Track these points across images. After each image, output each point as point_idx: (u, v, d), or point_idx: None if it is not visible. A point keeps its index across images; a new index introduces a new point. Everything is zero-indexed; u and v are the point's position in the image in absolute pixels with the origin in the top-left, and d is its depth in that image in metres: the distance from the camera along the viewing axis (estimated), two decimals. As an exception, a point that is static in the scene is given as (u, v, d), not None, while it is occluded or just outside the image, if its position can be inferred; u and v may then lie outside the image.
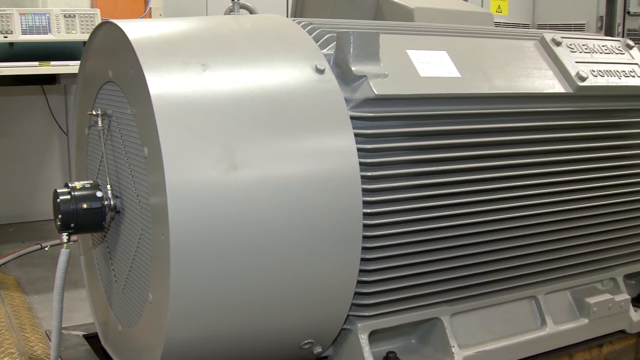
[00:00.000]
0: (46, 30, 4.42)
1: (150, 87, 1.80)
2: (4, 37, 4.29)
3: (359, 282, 2.02)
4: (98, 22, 4.33)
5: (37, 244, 4.85)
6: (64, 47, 4.46)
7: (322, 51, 2.09)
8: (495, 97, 2.28)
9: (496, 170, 2.26)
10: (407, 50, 2.21)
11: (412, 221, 2.10)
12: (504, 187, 2.27)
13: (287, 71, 1.98)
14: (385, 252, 2.07)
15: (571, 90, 2.44)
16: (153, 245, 1.89)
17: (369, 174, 2.01)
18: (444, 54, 2.27)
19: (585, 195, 2.47)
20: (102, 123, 2.17)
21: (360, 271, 2.01)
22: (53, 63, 4.35)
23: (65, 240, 2.10)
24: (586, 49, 2.59)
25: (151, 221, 1.88)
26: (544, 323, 2.48)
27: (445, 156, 2.16)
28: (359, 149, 1.96)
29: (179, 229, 1.74)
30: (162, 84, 1.82)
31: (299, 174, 1.88)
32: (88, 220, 2.07)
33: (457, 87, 2.20)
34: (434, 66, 2.21)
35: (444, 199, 2.15)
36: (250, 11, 3.65)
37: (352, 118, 1.99)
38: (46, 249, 4.81)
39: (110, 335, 2.43)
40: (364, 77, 2.05)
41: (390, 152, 2.08)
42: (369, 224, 2.00)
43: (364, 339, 2.12)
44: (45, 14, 4.45)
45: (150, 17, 5.22)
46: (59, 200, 2.04)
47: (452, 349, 2.24)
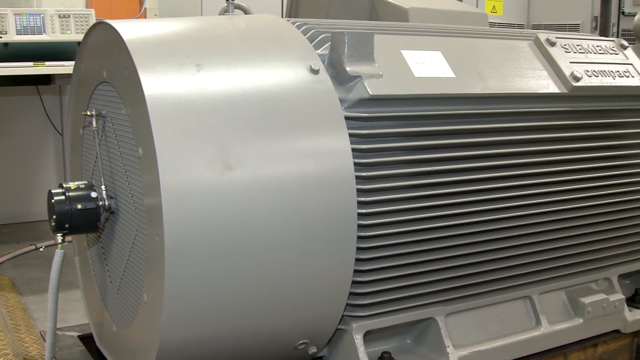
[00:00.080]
0: (41, 30, 4.41)
1: (144, 88, 1.80)
2: (-1, 37, 4.28)
3: (353, 282, 2.02)
4: (93, 22, 4.31)
5: (32, 245, 4.84)
6: (58, 47, 4.45)
7: (317, 51, 2.09)
8: (490, 97, 2.28)
9: (491, 170, 2.26)
10: (402, 51, 2.22)
11: (406, 221, 2.10)
12: (498, 187, 2.27)
13: (282, 71, 1.98)
14: (380, 252, 2.07)
15: (565, 91, 2.44)
16: (148, 245, 1.89)
17: (363, 174, 2.01)
18: (438, 54, 2.27)
19: (579, 195, 2.47)
20: (97, 123, 2.17)
21: (355, 271, 2.01)
22: (48, 63, 4.35)
23: (60, 241, 2.11)
24: (580, 49, 2.60)
25: (146, 222, 1.88)
26: (538, 323, 2.49)
27: (439, 156, 2.16)
28: (353, 149, 1.96)
29: (173, 229, 1.74)
30: (156, 84, 1.82)
31: (293, 175, 1.88)
32: (82, 220, 2.06)
33: (451, 87, 2.20)
34: (428, 66, 2.21)
35: (438, 199, 2.15)
36: (245, 11, 3.64)
37: (347, 118, 1.99)
38: (41, 249, 4.81)
39: (105, 336, 2.43)
40: (358, 77, 2.05)
41: (385, 153, 2.08)
42: (363, 224, 2.00)
43: (358, 339, 2.12)
44: (39, 14, 4.44)
45: (145, 17, 5.21)
46: (53, 200, 2.04)
47: (447, 349, 2.24)
